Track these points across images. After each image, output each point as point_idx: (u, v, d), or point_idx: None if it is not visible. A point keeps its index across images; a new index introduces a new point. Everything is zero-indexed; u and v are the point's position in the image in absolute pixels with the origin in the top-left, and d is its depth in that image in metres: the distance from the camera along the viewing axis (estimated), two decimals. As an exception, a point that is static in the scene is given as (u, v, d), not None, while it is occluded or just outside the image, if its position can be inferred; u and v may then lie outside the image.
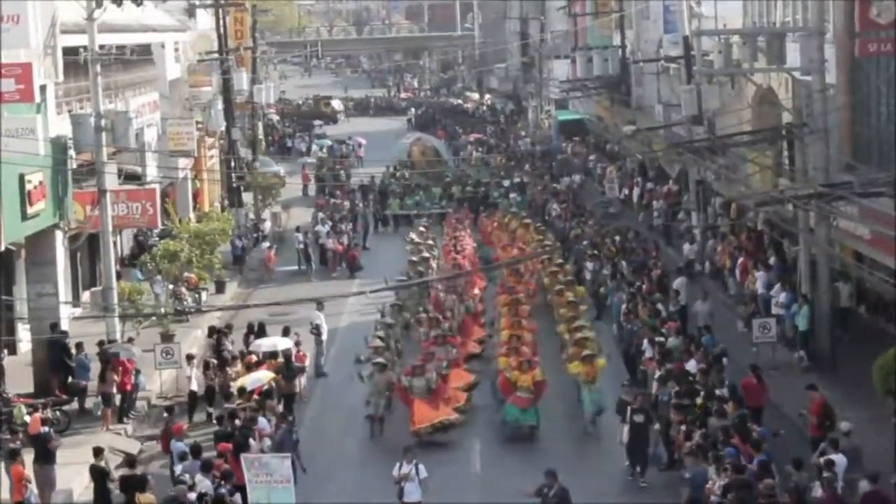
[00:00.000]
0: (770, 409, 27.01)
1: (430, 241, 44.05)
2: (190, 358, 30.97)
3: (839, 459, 21.22)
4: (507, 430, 27.96)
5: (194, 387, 30.07)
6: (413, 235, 44.57)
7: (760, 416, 25.56)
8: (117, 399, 29.41)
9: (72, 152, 31.74)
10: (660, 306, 32.94)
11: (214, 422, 27.08)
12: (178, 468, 23.00)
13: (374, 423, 28.09)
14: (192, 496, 20.85)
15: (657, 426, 25.12)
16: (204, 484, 21.39)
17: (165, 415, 27.01)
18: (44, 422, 26.03)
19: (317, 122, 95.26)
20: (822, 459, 21.23)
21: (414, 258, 40.30)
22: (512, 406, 27.75)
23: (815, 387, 25.17)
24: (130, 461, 23.40)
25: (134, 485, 21.83)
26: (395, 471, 22.65)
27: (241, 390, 27.48)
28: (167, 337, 34.19)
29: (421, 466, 22.61)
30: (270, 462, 21.24)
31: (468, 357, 31.88)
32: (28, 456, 23.87)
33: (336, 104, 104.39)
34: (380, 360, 28.64)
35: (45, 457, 24.03)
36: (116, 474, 23.48)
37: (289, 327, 32.80)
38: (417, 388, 27.78)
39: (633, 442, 24.76)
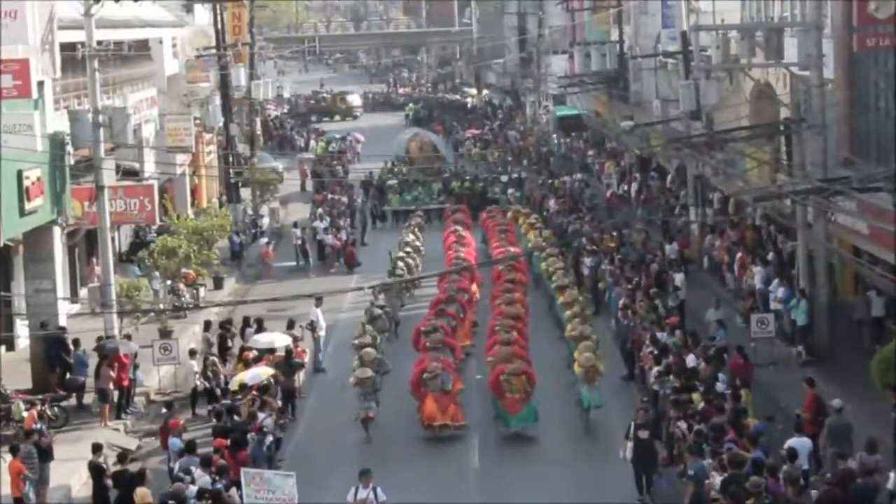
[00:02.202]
0: (769, 403, 27.03)
1: (418, 243, 43.96)
2: (192, 353, 31.00)
3: (800, 445, 21.70)
4: (503, 430, 27.89)
5: (198, 381, 30.13)
6: (410, 237, 44.38)
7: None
8: (115, 395, 29.40)
9: (70, 148, 31.72)
10: (657, 302, 32.96)
11: (213, 418, 27.05)
12: (175, 465, 23.00)
13: (364, 423, 27.97)
14: (193, 489, 20.82)
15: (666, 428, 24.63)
16: (204, 479, 21.36)
17: (164, 410, 26.97)
18: (39, 417, 26.08)
19: (336, 118, 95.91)
20: (783, 450, 21.50)
21: (397, 262, 40.30)
22: (507, 414, 27.68)
23: (813, 381, 25.21)
24: (122, 456, 23.38)
25: (127, 480, 21.80)
26: (350, 496, 21.21)
27: (243, 386, 27.39)
28: (165, 333, 34.17)
29: (379, 490, 21.27)
30: (273, 479, 20.83)
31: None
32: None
33: (354, 99, 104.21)
34: (360, 375, 28.44)
35: (39, 453, 23.99)
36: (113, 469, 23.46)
37: (293, 320, 32.76)
38: (431, 385, 27.88)
39: (638, 459, 23.46)
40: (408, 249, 41.95)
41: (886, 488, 19.59)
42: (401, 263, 40.18)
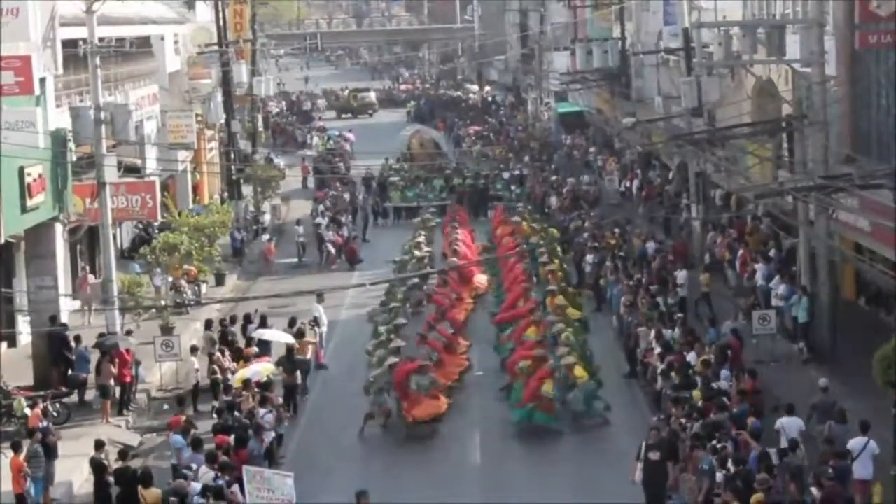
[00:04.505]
0: (770, 400, 27.02)
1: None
2: (194, 350, 31.01)
3: (789, 424, 22.72)
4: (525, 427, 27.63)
5: (198, 378, 30.14)
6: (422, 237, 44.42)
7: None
8: (116, 391, 29.40)
9: (71, 145, 31.72)
10: (659, 299, 32.97)
11: (214, 415, 27.07)
12: (174, 460, 23.02)
13: (383, 416, 27.97)
14: (197, 486, 20.82)
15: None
16: (208, 476, 21.36)
17: (166, 407, 26.95)
18: (44, 414, 26.10)
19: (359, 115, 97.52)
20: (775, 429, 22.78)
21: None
22: (540, 414, 27.42)
23: (755, 373, 25.90)
24: (123, 453, 23.35)
25: (129, 477, 21.82)
26: None
27: (246, 382, 27.29)
28: (167, 329, 34.21)
29: None
30: (273, 478, 20.88)
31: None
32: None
33: (369, 96, 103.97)
34: (392, 360, 28.45)
35: (45, 451, 23.99)
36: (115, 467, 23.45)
37: (295, 317, 32.74)
38: (421, 385, 27.76)
39: (648, 481, 22.16)
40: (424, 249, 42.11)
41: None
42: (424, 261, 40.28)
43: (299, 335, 31.21)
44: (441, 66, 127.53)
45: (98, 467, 22.79)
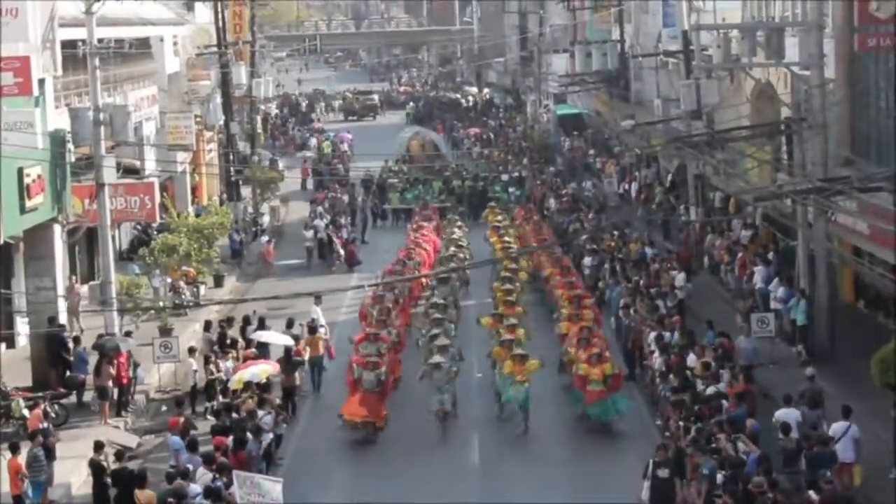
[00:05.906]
0: (769, 402, 27.05)
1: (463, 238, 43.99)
2: (192, 351, 31.00)
3: (787, 415, 23.09)
4: (585, 424, 27.67)
5: (197, 379, 30.14)
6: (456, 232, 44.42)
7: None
8: (115, 393, 29.37)
9: (70, 146, 31.72)
10: (658, 302, 32.97)
11: (211, 417, 27.06)
12: (173, 461, 23.01)
13: (440, 417, 27.78)
14: (197, 488, 20.81)
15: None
16: (206, 477, 21.35)
17: (164, 408, 26.91)
18: (44, 416, 26.09)
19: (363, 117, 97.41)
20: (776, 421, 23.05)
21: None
22: (594, 404, 27.39)
23: (751, 376, 26.10)
24: (119, 454, 23.31)
25: (126, 479, 21.79)
26: None
27: (247, 385, 27.25)
28: (165, 331, 34.19)
29: None
30: (263, 483, 20.97)
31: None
32: (26, 450, 23.78)
33: (374, 99, 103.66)
34: (436, 359, 28.42)
35: (46, 453, 23.95)
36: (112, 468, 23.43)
37: (293, 319, 32.75)
38: (367, 381, 27.60)
39: (656, 499, 21.67)
40: (460, 244, 42.17)
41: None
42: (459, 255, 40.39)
43: (311, 331, 31.43)
44: (440, 68, 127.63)
45: (97, 469, 22.75)
